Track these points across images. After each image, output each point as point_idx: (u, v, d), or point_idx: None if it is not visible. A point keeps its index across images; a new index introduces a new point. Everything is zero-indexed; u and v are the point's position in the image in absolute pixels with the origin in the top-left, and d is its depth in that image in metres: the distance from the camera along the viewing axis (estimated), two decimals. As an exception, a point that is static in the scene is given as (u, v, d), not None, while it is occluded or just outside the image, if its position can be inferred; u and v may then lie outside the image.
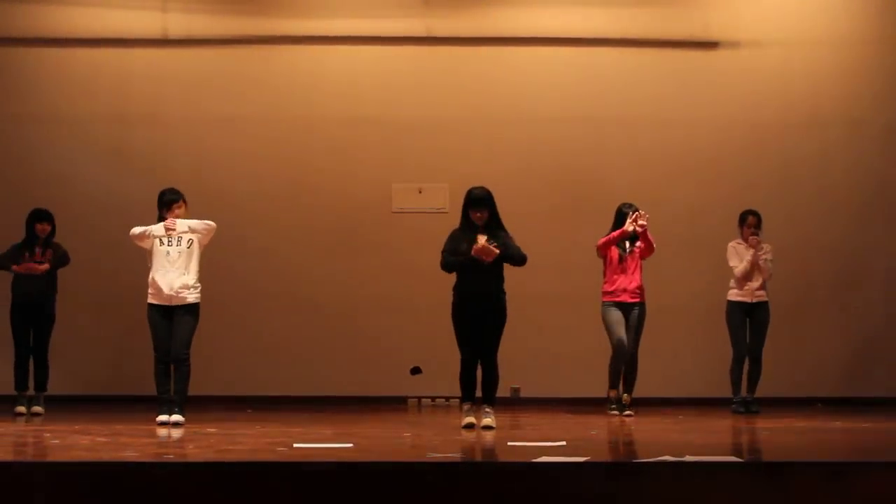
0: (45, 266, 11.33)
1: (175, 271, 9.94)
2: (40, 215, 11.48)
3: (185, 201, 10.15)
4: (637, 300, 11.04)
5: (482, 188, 9.56)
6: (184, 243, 10.02)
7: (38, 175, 13.11)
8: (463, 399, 9.70)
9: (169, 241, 9.96)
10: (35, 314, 11.40)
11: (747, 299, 11.61)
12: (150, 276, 9.95)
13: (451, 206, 12.63)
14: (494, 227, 9.53)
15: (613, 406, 11.07)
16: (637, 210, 10.90)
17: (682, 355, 12.38)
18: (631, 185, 12.84)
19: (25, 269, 11.27)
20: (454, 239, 9.57)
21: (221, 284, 12.93)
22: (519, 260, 9.53)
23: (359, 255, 13.21)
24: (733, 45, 13.49)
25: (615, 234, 10.91)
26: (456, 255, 9.47)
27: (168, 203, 10.05)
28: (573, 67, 13.48)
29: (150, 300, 9.97)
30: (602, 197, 12.04)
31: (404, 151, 13.37)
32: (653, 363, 11.49)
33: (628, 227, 10.80)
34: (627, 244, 11.02)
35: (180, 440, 8.83)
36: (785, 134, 13.41)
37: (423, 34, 13.43)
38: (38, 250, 11.39)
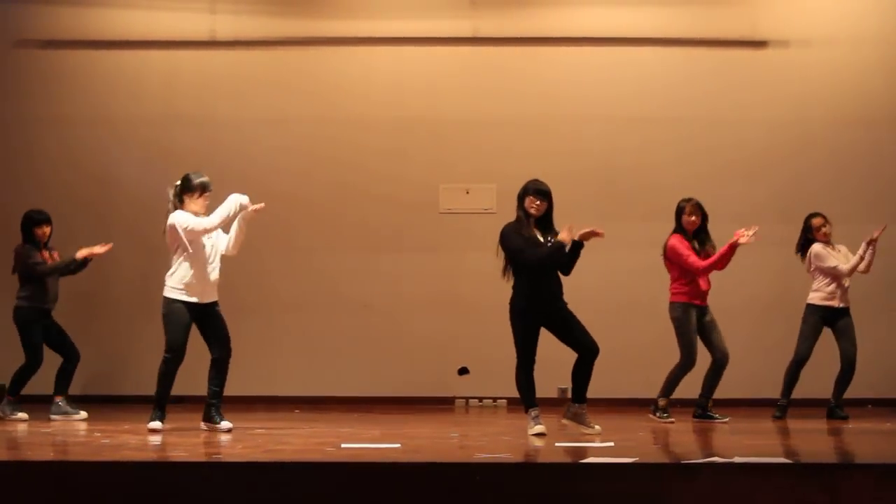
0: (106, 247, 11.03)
1: (212, 266, 9.63)
2: (40, 219, 11.18)
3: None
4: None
5: (542, 181, 9.41)
6: (213, 236, 9.69)
7: (87, 175, 13.23)
8: (529, 405, 9.35)
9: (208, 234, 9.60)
10: (48, 319, 11.18)
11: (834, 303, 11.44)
12: (187, 272, 9.50)
13: (499, 207, 12.64)
14: (548, 224, 9.44)
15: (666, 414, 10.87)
16: (693, 202, 10.82)
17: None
18: (678, 184, 12.76)
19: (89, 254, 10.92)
20: (521, 235, 9.29)
21: (270, 284, 13.02)
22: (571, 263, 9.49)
23: (406, 255, 13.24)
24: (782, 43, 13.43)
25: (725, 250, 10.76)
26: (540, 248, 9.26)
27: (202, 188, 9.66)
28: (620, 67, 13.46)
29: (181, 297, 9.50)
30: (649, 197, 12.04)
31: (451, 152, 13.38)
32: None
33: (745, 240, 10.62)
34: (697, 244, 10.89)
35: (229, 441, 8.89)
36: (834, 132, 13.34)
37: (470, 35, 13.44)
38: (46, 254, 11.14)
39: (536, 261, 9.22)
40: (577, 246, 9.32)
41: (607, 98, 13.38)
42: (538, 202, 9.29)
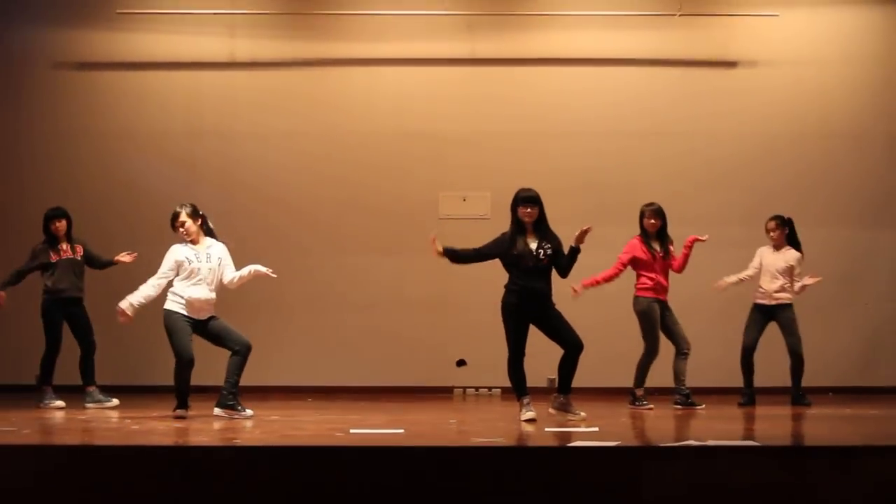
0: (132, 255, 11.14)
1: (210, 288, 9.71)
2: (55, 213, 11.18)
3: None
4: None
5: (530, 188, 9.47)
6: (215, 264, 9.75)
7: (118, 184, 13.22)
8: (521, 394, 9.37)
9: (198, 258, 9.69)
10: (71, 307, 11.19)
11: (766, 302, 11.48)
12: (182, 290, 9.56)
13: (493, 213, 12.66)
14: (544, 228, 9.43)
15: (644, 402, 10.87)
16: (653, 207, 10.87)
17: (705, 348, 12.20)
18: (657, 192, 12.75)
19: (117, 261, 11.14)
20: (496, 241, 9.44)
21: (284, 284, 12.97)
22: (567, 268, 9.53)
23: (409, 257, 13.23)
24: (750, 64, 13.45)
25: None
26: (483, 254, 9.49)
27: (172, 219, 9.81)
28: (604, 85, 13.47)
29: (179, 310, 9.56)
30: (631, 204, 11.98)
31: (450, 163, 13.38)
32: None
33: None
34: (658, 244, 10.90)
35: (247, 427, 8.89)
36: (797, 145, 13.36)
37: (467, 56, 13.45)
38: (64, 246, 11.17)
39: (455, 257, 9.57)
40: (574, 251, 9.36)
41: (593, 113, 13.38)
42: (529, 209, 9.31)
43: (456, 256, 9.59)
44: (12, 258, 11.80)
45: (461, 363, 13.13)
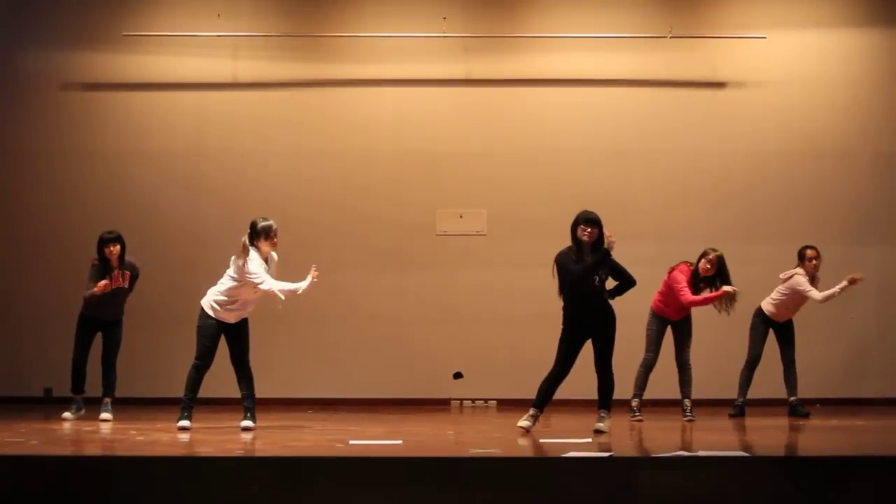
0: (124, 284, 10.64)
1: (249, 301, 9.73)
2: (108, 238, 10.54)
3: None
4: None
5: (590, 210, 9.34)
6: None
7: (124, 202, 13.15)
8: (533, 404, 9.27)
9: None
10: (106, 326, 10.80)
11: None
12: (229, 295, 9.56)
13: (489, 230, 12.65)
14: (600, 247, 9.26)
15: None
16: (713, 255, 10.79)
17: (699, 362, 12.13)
18: (648, 210, 12.81)
19: (101, 290, 10.35)
20: (563, 265, 9.23)
21: (287, 299, 12.94)
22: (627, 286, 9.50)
23: (407, 272, 13.19)
24: (739, 85, 13.43)
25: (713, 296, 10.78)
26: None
27: (265, 232, 9.67)
28: (596, 105, 13.44)
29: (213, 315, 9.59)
30: (623, 220, 11.95)
31: (447, 181, 13.35)
32: (670, 369, 11.28)
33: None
34: (704, 284, 10.88)
35: (249, 438, 8.84)
36: (785, 163, 13.33)
37: (463, 77, 13.42)
38: (116, 273, 10.56)
39: (575, 274, 9.15)
40: (605, 255, 9.26)
41: (585, 133, 13.35)
42: (589, 230, 9.21)
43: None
44: (18, 275, 11.77)
45: (458, 376, 13.08)
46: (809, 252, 11.48)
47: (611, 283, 9.57)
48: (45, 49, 13.39)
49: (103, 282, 10.36)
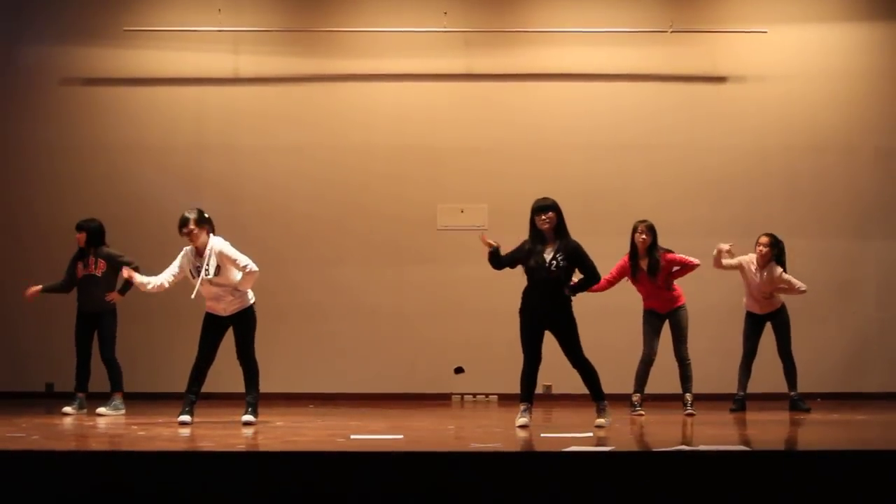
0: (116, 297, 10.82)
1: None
2: (78, 225, 10.95)
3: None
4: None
5: (546, 197, 9.25)
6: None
7: (125, 196, 13.17)
8: (521, 399, 9.15)
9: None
10: (97, 321, 10.88)
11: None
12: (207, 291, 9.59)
13: (490, 224, 12.65)
14: (563, 235, 9.20)
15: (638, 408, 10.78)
16: (644, 223, 10.74)
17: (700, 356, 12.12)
18: (649, 205, 12.78)
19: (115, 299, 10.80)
20: (517, 249, 9.21)
21: (287, 294, 12.96)
22: (592, 278, 9.36)
23: (408, 267, 13.21)
24: (740, 79, 13.42)
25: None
26: (513, 259, 9.19)
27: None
28: (597, 100, 13.44)
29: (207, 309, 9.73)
30: (624, 215, 11.95)
31: (448, 175, 13.35)
32: (673, 364, 11.23)
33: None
34: (648, 259, 10.74)
35: (251, 433, 8.84)
36: (787, 157, 13.33)
37: (464, 72, 13.43)
38: (90, 259, 10.85)
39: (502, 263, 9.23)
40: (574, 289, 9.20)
41: (586, 127, 13.36)
42: (544, 216, 9.15)
43: (498, 257, 9.32)
44: (20, 269, 11.75)
45: (459, 371, 13.08)
46: (761, 239, 11.30)
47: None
48: (46, 44, 13.40)
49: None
